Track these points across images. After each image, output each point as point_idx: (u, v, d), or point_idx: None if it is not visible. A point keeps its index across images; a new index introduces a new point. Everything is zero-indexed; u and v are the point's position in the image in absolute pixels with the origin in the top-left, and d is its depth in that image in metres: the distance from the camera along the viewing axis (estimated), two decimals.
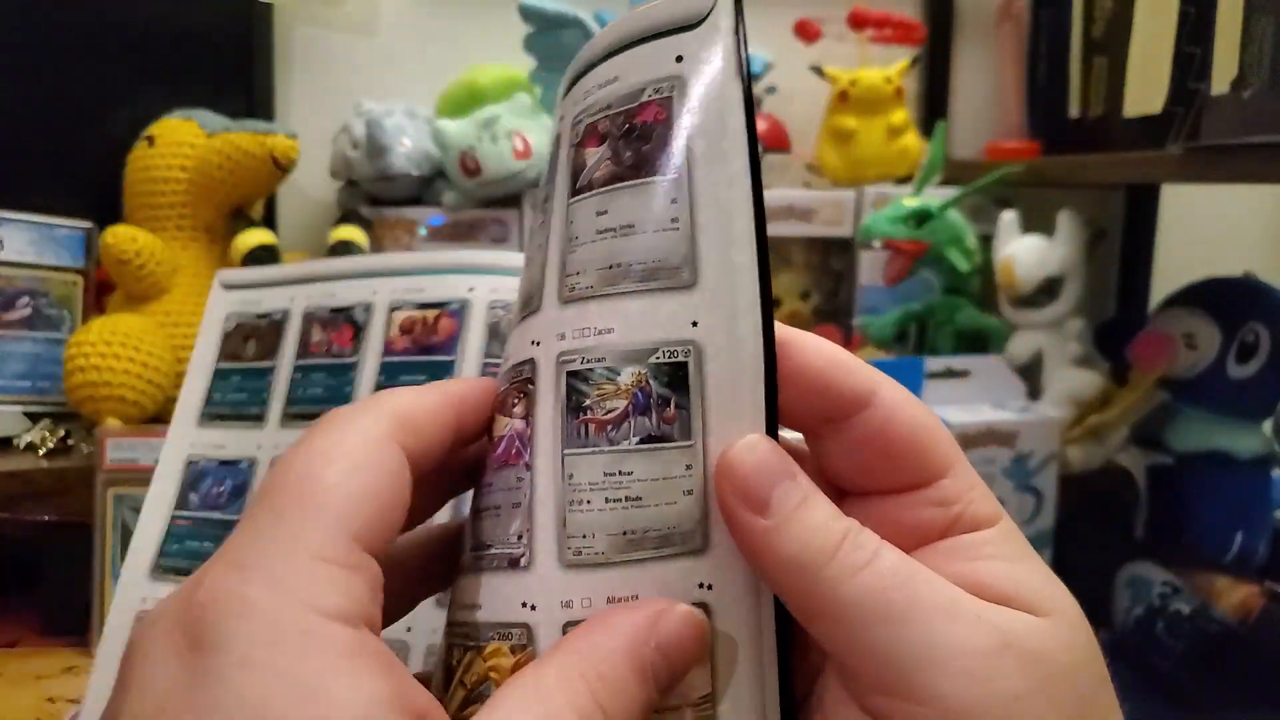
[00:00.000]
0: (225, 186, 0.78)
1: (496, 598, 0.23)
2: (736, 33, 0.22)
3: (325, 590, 0.20)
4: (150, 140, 0.79)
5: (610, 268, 0.23)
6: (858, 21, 0.99)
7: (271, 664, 0.18)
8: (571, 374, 0.23)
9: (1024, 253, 0.82)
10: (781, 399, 0.22)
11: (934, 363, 0.79)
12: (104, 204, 0.80)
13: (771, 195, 0.90)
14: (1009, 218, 0.85)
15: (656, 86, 0.23)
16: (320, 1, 0.99)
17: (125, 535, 0.64)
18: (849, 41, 1.01)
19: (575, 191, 0.24)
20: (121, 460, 0.66)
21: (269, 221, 0.94)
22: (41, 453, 0.72)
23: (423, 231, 0.86)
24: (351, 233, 0.83)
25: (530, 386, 0.24)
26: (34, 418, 0.76)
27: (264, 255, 0.78)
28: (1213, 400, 0.79)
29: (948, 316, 0.88)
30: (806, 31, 0.99)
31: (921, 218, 0.84)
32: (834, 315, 1.01)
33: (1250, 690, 0.68)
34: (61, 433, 0.74)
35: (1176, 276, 0.89)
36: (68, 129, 0.84)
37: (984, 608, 0.21)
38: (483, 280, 0.44)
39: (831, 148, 0.99)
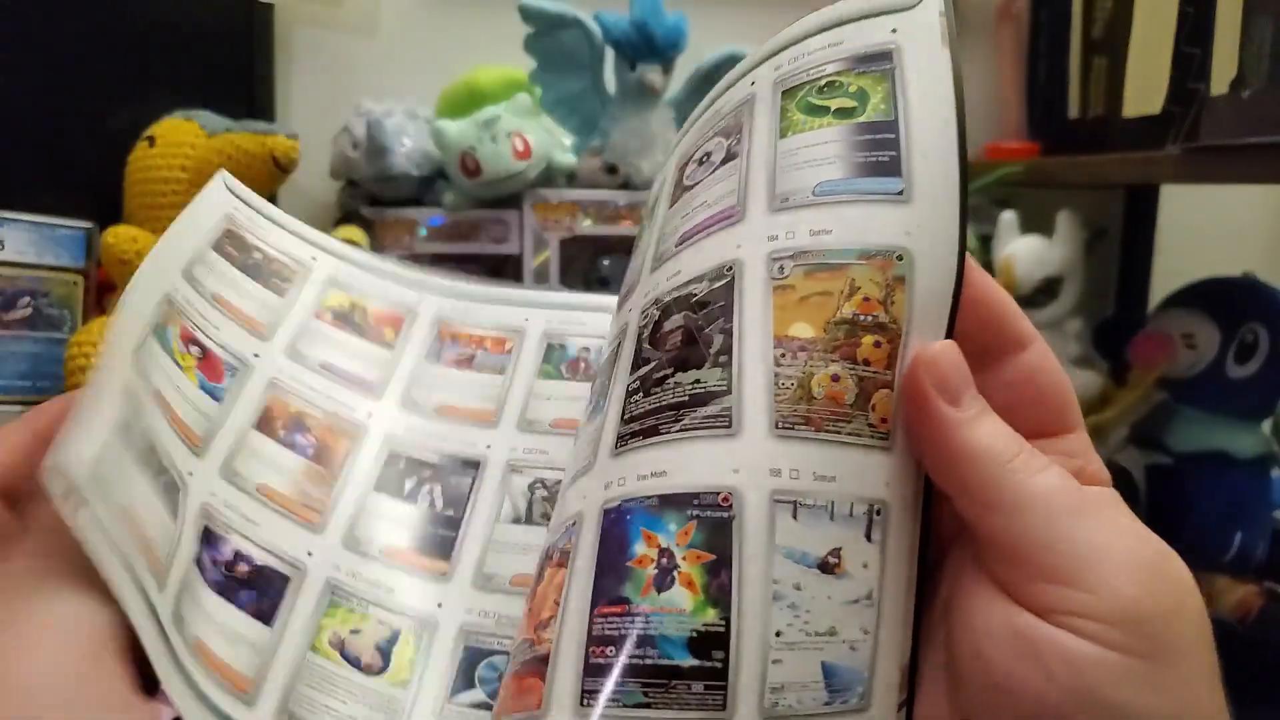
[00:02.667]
0: None
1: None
2: (944, 14, 0.27)
3: None
4: (151, 140, 0.79)
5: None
6: None
7: None
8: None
9: (1023, 253, 0.82)
10: (959, 321, 0.25)
11: None
12: (104, 204, 0.80)
13: None
14: (1008, 218, 0.85)
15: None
16: (321, 2, 1.00)
17: None
18: None
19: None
20: None
21: None
22: None
23: (423, 232, 0.86)
24: (352, 233, 0.83)
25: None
26: None
27: None
28: (1212, 400, 0.79)
29: None
30: None
31: None
32: None
33: (1249, 689, 0.68)
34: None
35: (1175, 277, 0.89)
36: (68, 129, 0.84)
37: (1145, 530, 0.23)
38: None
39: None
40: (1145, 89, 0.79)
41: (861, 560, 0.24)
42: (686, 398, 0.25)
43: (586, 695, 0.23)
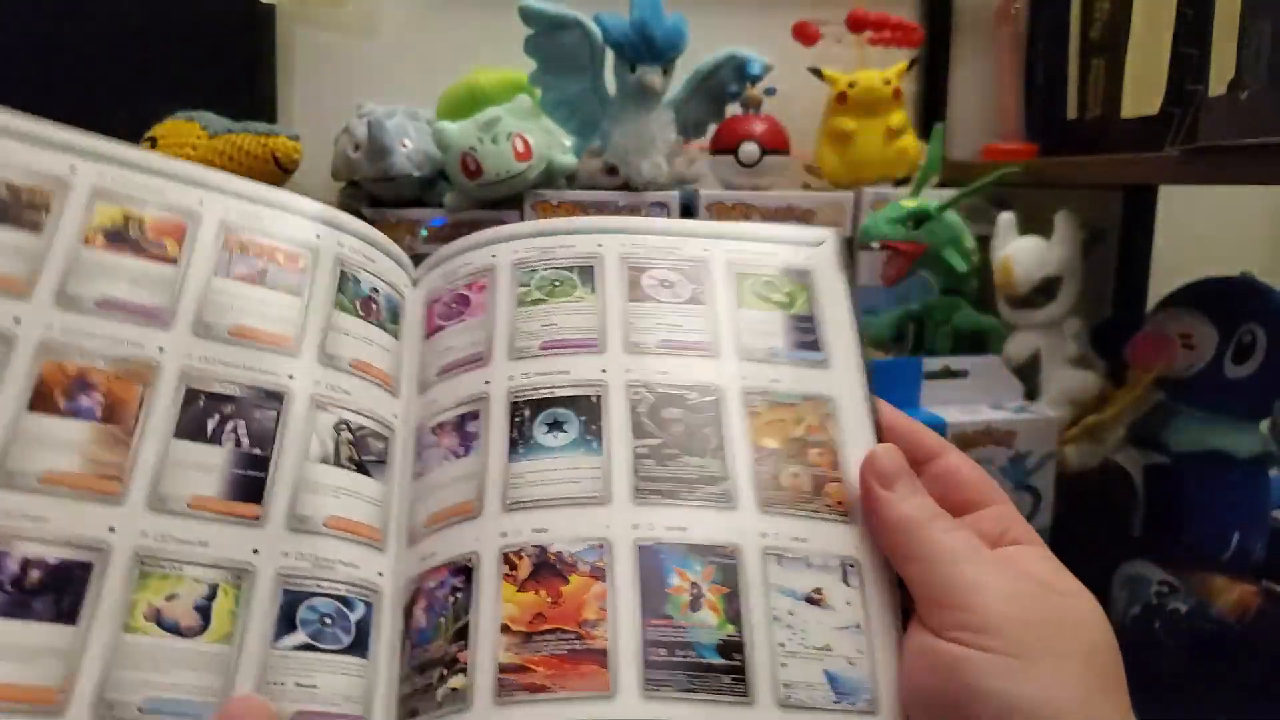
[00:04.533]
0: None
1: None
2: (839, 250, 0.42)
3: None
4: (153, 142, 0.79)
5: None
6: (856, 23, 0.99)
7: None
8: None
9: (1022, 253, 0.82)
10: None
11: (932, 363, 0.79)
12: None
13: (770, 196, 0.90)
14: (1007, 219, 0.85)
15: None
16: (322, 3, 1.00)
17: None
18: (848, 43, 1.01)
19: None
20: None
21: None
22: None
23: (424, 232, 0.86)
24: None
25: None
26: None
27: None
28: (1210, 400, 0.79)
29: (945, 317, 0.89)
30: (805, 33, 0.99)
31: (919, 219, 0.84)
32: None
33: (1247, 688, 0.68)
34: None
35: (1174, 277, 0.89)
36: None
37: (1031, 572, 0.31)
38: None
39: (830, 149, 0.99)
40: (1143, 90, 0.80)
41: (844, 599, 0.34)
42: (696, 477, 0.35)
43: (650, 683, 0.31)
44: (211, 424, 0.33)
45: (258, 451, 0.34)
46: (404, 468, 0.37)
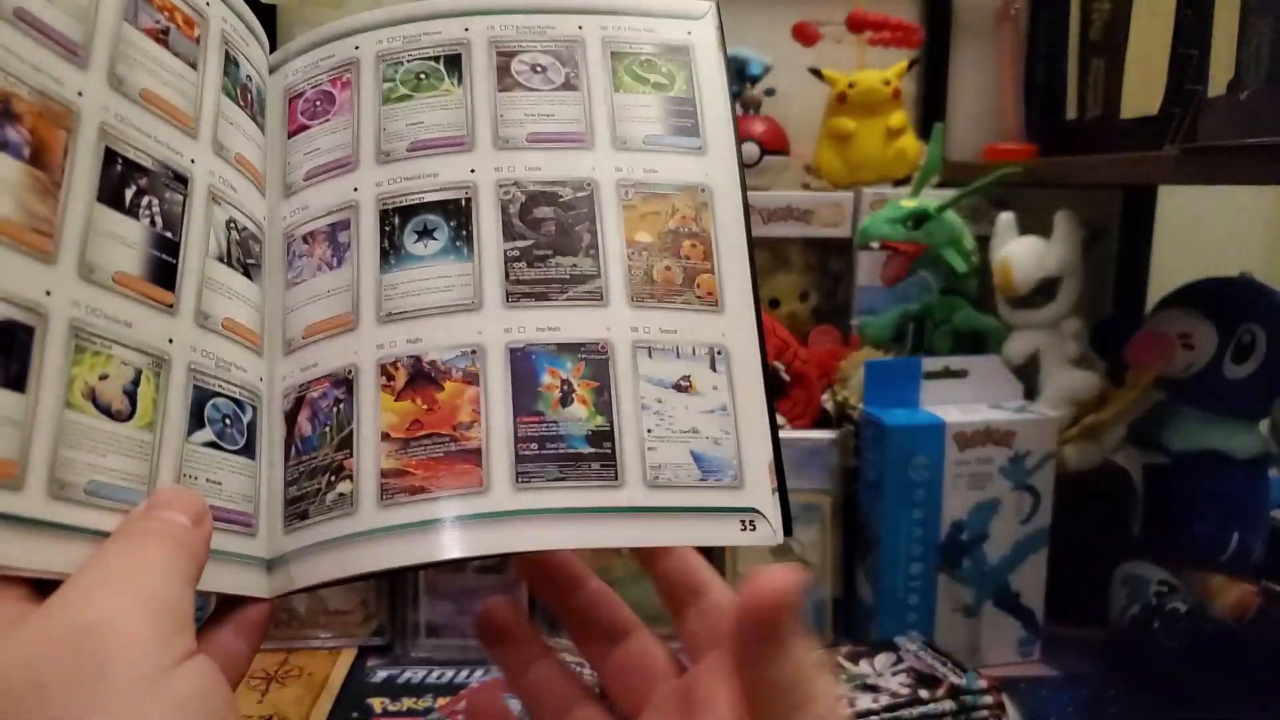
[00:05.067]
0: None
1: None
2: (719, 26, 0.40)
3: None
4: None
5: None
6: (856, 24, 0.99)
7: None
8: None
9: (1021, 253, 0.82)
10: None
11: (931, 363, 0.79)
12: None
13: (770, 196, 0.90)
14: (1006, 218, 0.85)
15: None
16: (322, 4, 1.00)
17: None
18: (847, 44, 1.01)
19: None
20: None
21: None
22: None
23: None
24: None
25: None
26: None
27: None
28: (1209, 400, 0.79)
29: (945, 317, 0.89)
30: (805, 34, 0.99)
31: (919, 219, 0.84)
32: (832, 316, 1.01)
33: (1246, 688, 0.69)
34: None
35: (1173, 277, 0.89)
36: None
37: None
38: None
39: (830, 149, 0.99)
40: (1143, 90, 0.80)
41: (711, 384, 0.35)
42: (568, 276, 0.36)
43: (520, 475, 0.33)
44: (129, 194, 0.31)
45: (169, 235, 0.32)
46: (274, 274, 0.37)
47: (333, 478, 0.33)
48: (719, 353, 0.36)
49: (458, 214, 0.36)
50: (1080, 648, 0.80)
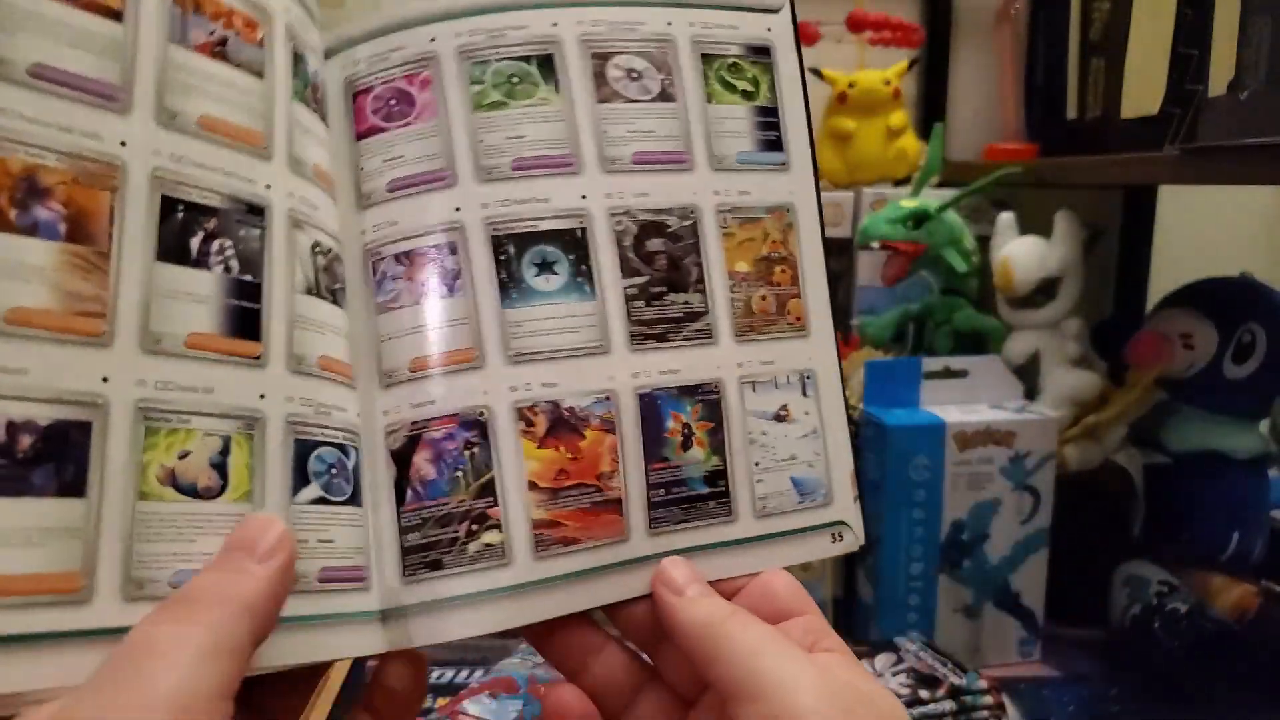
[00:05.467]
0: None
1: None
2: (794, 19, 0.38)
3: None
4: None
5: None
6: (856, 24, 0.99)
7: None
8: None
9: (1021, 253, 0.82)
10: None
11: (932, 363, 0.79)
12: None
13: None
14: (1007, 218, 0.85)
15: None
16: (321, 4, 1.00)
17: None
18: (847, 43, 1.01)
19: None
20: None
21: None
22: None
23: None
24: None
25: None
26: None
27: None
28: (1209, 400, 0.79)
29: (945, 317, 0.89)
30: (805, 33, 0.99)
31: (919, 219, 0.84)
32: (832, 316, 1.01)
33: (1246, 688, 0.69)
34: None
35: (1173, 277, 0.89)
36: None
37: (850, 676, 0.30)
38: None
39: (830, 149, 0.99)
40: (1143, 90, 0.80)
41: (803, 410, 0.37)
42: (681, 315, 0.35)
43: (654, 522, 0.34)
44: (195, 243, 0.28)
45: (249, 278, 0.29)
46: (355, 295, 0.33)
47: (474, 525, 0.32)
48: (808, 377, 0.37)
49: (576, 247, 0.34)
50: (1081, 648, 0.80)
